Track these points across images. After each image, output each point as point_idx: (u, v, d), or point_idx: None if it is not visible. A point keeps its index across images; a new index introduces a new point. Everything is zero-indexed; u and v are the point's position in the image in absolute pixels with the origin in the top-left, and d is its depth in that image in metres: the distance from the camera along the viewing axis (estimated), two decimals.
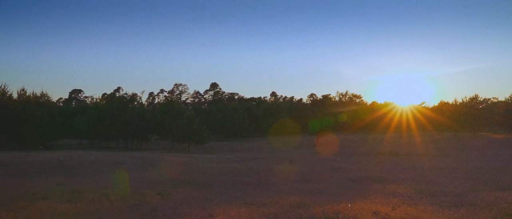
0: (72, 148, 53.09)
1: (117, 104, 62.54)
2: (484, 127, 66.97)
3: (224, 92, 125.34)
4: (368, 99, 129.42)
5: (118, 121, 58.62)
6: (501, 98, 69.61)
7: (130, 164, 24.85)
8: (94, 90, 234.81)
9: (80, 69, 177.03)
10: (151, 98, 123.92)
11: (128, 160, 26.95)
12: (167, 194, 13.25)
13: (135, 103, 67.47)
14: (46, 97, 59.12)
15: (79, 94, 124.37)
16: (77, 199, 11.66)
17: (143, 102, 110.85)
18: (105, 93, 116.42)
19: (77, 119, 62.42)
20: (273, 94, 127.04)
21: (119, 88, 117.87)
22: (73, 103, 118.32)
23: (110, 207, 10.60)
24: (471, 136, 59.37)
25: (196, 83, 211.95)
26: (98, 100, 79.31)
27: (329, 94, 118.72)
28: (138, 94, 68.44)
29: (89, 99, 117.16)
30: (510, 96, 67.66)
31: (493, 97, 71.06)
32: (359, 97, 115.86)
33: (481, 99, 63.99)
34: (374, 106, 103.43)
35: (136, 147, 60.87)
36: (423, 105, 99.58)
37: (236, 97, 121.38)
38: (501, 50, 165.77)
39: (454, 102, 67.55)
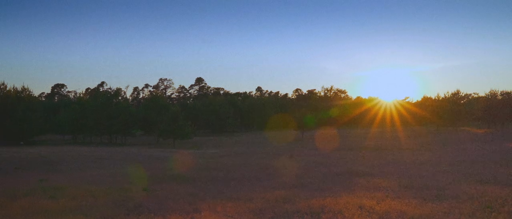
0: (55, 143, 52.25)
1: (101, 99, 61.78)
2: (465, 122, 68.30)
3: (209, 87, 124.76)
4: (353, 94, 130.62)
5: (102, 116, 57.92)
6: (482, 94, 71.04)
7: (114, 159, 24.57)
8: (77, 85, 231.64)
9: (63, 64, 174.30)
10: (135, 93, 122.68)
11: (112, 155, 26.66)
12: (152, 189, 13.15)
13: (120, 98, 66.74)
14: (27, 92, 57.93)
15: (62, 89, 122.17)
16: (60, 195, 11.47)
17: (128, 97, 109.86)
18: (88, 88, 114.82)
19: (60, 114, 61.40)
20: (259, 89, 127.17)
21: (103, 83, 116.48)
22: (56, 98, 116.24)
23: (94, 203, 10.46)
24: (452, 130, 60.50)
25: (181, 78, 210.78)
26: (81, 95, 78.22)
27: (315, 90, 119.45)
28: (122, 89, 67.83)
29: (72, 94, 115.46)
30: (490, 92, 69.25)
31: (474, 93, 72.66)
32: (344, 92, 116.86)
33: (463, 95, 65.20)
34: (358, 102, 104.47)
35: (120, 142, 60.25)
36: (407, 100, 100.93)
37: (221, 92, 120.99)
38: (483, 48, 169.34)
39: (436, 98, 68.69)
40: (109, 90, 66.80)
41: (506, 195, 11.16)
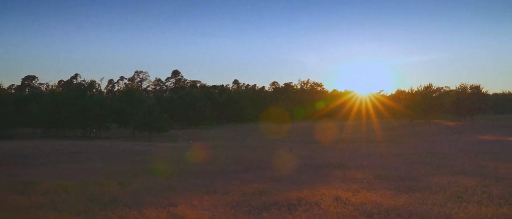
0: (26, 137, 50.73)
1: (75, 92, 60.29)
2: (437, 115, 70.11)
3: (186, 80, 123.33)
4: (329, 87, 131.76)
5: (75, 109, 56.51)
6: (453, 87, 72.94)
7: (88, 153, 24.07)
8: (49, 77, 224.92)
9: (34, 55, 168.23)
10: (110, 85, 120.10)
11: (86, 149, 26.09)
12: (127, 183, 12.94)
13: (94, 90, 65.35)
14: None
15: (33, 81, 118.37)
16: (30, 190, 11.14)
17: (102, 90, 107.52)
18: (61, 80, 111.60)
19: (31, 106, 59.56)
20: (236, 82, 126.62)
21: (76, 75, 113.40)
22: (27, 90, 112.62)
23: (67, 199, 10.20)
24: (425, 123, 62.01)
25: (157, 70, 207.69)
26: (54, 87, 76.08)
27: (291, 83, 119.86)
28: (96, 82, 66.38)
29: (44, 87, 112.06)
30: (460, 86, 71.23)
31: (445, 87, 74.37)
32: (320, 85, 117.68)
33: (435, 89, 66.78)
34: (335, 95, 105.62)
35: (94, 136, 59.04)
36: (381, 93, 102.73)
37: (198, 85, 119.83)
38: (454, 43, 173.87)
39: (410, 91, 70.12)
40: (83, 82, 65.35)
41: (475, 185, 11.52)
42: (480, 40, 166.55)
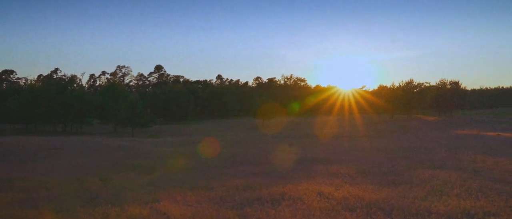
0: (4, 133, 49.55)
1: (55, 87, 59.14)
2: (418, 110, 71.32)
3: (169, 75, 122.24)
4: (312, 83, 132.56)
5: (55, 104, 55.45)
6: (433, 83, 74.18)
7: (69, 149, 23.66)
8: (28, 71, 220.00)
9: (12, 48, 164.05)
10: (92, 80, 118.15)
11: (67, 145, 25.66)
12: (109, 179, 12.77)
13: (75, 85, 64.24)
14: None
15: (11, 76, 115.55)
16: (8, 188, 10.88)
17: (84, 85, 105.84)
18: (41, 75, 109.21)
19: (9, 102, 58.12)
20: (219, 77, 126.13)
21: (56, 69, 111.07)
22: (4, 85, 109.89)
23: (47, 196, 10.01)
24: (406, 118, 63.04)
25: (140, 65, 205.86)
26: (33, 82, 74.49)
27: (275, 78, 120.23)
28: (77, 76, 65.21)
29: (23, 81, 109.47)
30: (440, 82, 72.57)
31: (426, 82, 75.57)
32: (303, 80, 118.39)
33: (416, 84, 67.83)
34: (318, 90, 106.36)
35: (75, 132, 58.08)
36: (364, 89, 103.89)
37: (181, 80, 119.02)
38: (435, 39, 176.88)
39: (391, 87, 71.07)
40: (64, 77, 64.17)
41: (455, 179, 11.76)
42: (460, 38, 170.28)
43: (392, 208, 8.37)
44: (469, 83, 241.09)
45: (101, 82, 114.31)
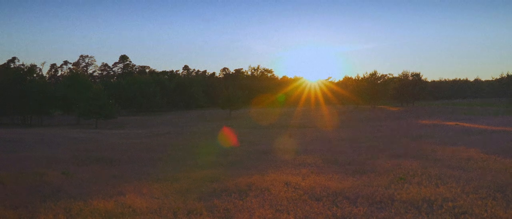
0: None
1: (13, 77, 56.49)
2: (382, 100, 73.36)
3: (134, 65, 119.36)
4: (278, 74, 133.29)
5: (13, 95, 53.02)
6: (396, 74, 76.47)
7: (27, 142, 22.70)
8: None
9: None
10: (53, 70, 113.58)
11: (25, 138, 24.61)
12: (72, 173, 12.37)
13: (34, 75, 61.58)
14: None
15: None
16: None
17: (44, 75, 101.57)
18: None
19: None
20: (186, 68, 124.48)
21: (14, 58, 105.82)
22: None
23: (4, 191, 9.56)
24: (370, 108, 64.68)
25: (104, 55, 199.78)
26: None
27: (242, 69, 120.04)
28: (37, 66, 62.43)
29: None
30: (402, 73, 74.89)
31: (389, 74, 77.74)
32: (270, 72, 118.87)
33: (379, 75, 69.68)
34: (284, 81, 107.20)
35: (35, 123, 55.86)
36: (330, 80, 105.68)
37: (147, 70, 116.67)
38: (398, 32, 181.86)
39: (356, 78, 72.62)
40: (22, 66, 61.31)
41: (416, 167, 12.18)
42: (421, 31, 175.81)
43: (357, 197, 8.57)
44: (429, 75, 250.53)
45: (63, 73, 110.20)
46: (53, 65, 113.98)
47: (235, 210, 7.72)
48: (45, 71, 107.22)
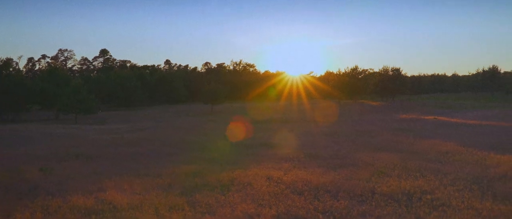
0: None
1: None
2: (363, 95, 74.22)
3: (115, 59, 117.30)
4: (261, 68, 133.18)
5: None
6: (376, 69, 77.34)
7: (4, 138, 22.14)
8: None
9: None
10: (30, 64, 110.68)
11: (2, 134, 23.99)
12: (50, 169, 12.12)
13: (11, 69, 59.89)
14: None
15: None
16: None
17: (21, 69, 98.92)
18: None
19: None
20: (167, 62, 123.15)
21: None
22: None
23: None
24: (352, 103, 65.38)
25: (83, 49, 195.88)
26: None
27: (224, 63, 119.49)
28: (14, 60, 60.75)
29: None
30: (383, 68, 75.89)
31: (369, 69, 78.54)
32: (252, 66, 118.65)
33: (360, 70, 70.34)
34: (267, 76, 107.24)
35: (12, 119, 54.46)
36: (311, 74, 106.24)
37: (128, 65, 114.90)
38: (378, 27, 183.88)
39: (338, 73, 73.20)
40: None
41: (396, 160, 12.40)
42: (401, 26, 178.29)
43: (338, 190, 8.67)
44: (409, 70, 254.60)
45: (41, 67, 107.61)
46: (30, 59, 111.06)
47: (217, 205, 7.72)
48: (22, 65, 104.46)
